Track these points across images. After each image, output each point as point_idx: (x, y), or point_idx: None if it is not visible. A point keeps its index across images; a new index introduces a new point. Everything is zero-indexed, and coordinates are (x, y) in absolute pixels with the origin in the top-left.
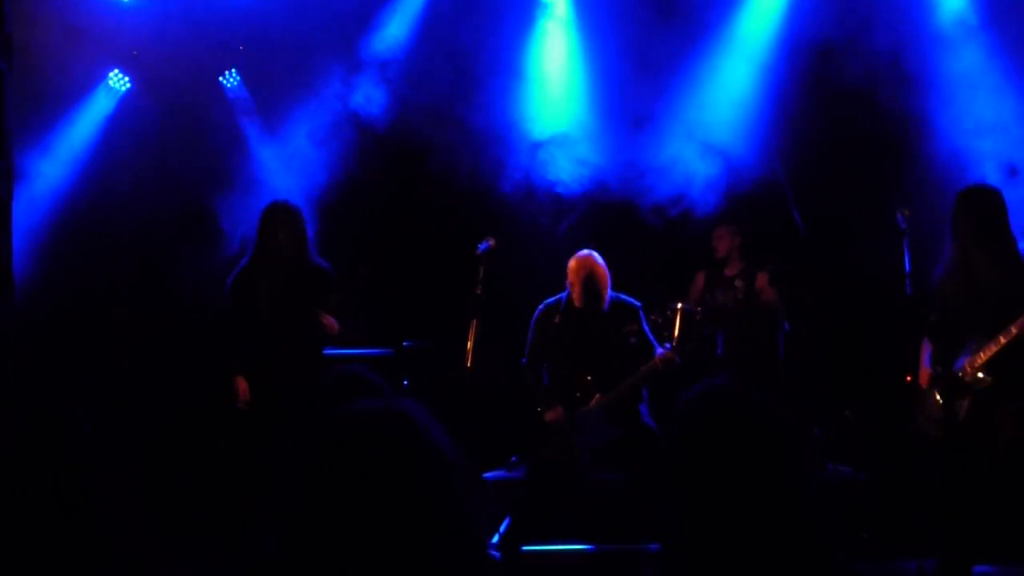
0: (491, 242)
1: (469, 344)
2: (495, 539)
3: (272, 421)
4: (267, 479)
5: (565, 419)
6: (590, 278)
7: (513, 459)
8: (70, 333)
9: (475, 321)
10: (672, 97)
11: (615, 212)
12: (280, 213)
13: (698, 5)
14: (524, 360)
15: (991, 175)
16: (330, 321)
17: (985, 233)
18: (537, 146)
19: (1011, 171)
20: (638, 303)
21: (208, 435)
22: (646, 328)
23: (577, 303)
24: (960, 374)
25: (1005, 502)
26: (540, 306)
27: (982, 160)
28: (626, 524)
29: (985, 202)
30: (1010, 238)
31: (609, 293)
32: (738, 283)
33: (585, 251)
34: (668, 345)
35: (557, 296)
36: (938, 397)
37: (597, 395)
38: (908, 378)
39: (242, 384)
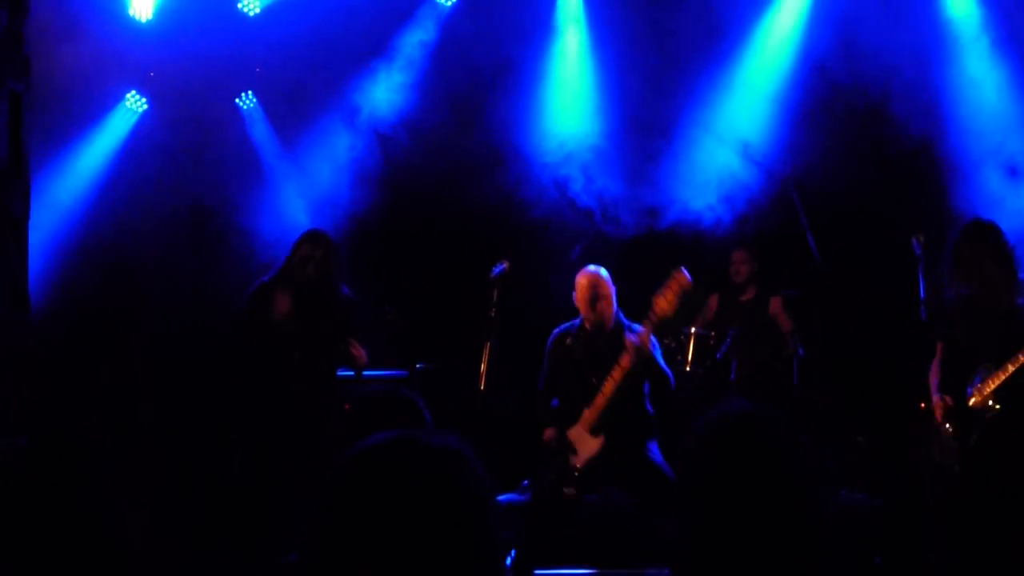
0: (505, 265)
1: (483, 366)
2: (507, 564)
3: (287, 442)
4: (282, 500)
5: (557, 439)
6: (594, 291)
7: (525, 483)
8: (85, 352)
9: (489, 343)
10: (687, 122)
11: (629, 233)
12: (315, 244)
13: (712, 31)
14: (540, 387)
15: (1005, 203)
16: (360, 351)
17: (989, 264)
18: (552, 168)
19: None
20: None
21: (223, 455)
22: (656, 352)
23: (584, 316)
24: (971, 402)
25: (1019, 530)
26: (553, 333)
27: (997, 186)
28: (631, 548)
29: (986, 235)
30: (1013, 268)
31: (620, 316)
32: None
33: (592, 267)
34: (638, 328)
35: (570, 322)
36: (949, 427)
37: (584, 410)
38: (922, 405)
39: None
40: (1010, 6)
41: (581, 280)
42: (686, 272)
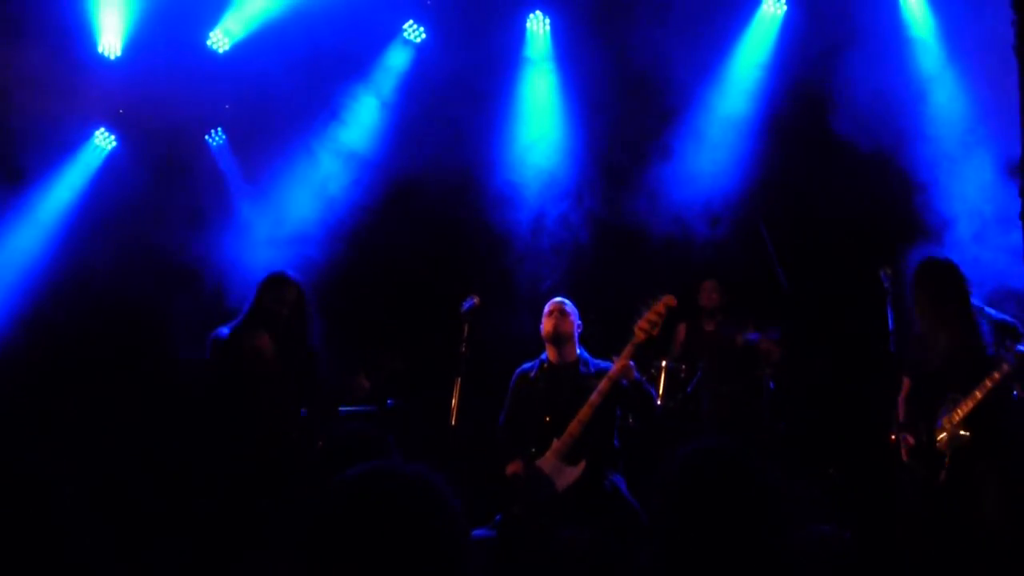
0: (475, 300)
1: (453, 402)
2: None
3: (261, 483)
4: (261, 541)
5: (524, 471)
6: (557, 316)
7: (497, 518)
8: (53, 390)
9: (459, 379)
10: (657, 152)
11: (599, 264)
12: (287, 287)
13: (678, 63)
14: (500, 422)
15: (968, 233)
16: (366, 382)
17: (946, 301)
18: (523, 201)
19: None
20: (612, 364)
21: (202, 497)
22: (638, 376)
23: (546, 340)
24: (939, 435)
25: (989, 560)
26: (518, 370)
27: (964, 216)
28: None
29: (942, 272)
30: (969, 302)
31: (582, 351)
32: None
33: (559, 297)
34: (603, 364)
35: (535, 360)
36: (917, 464)
37: (554, 440)
38: (892, 436)
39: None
40: (974, 39)
41: (546, 308)
42: (671, 296)
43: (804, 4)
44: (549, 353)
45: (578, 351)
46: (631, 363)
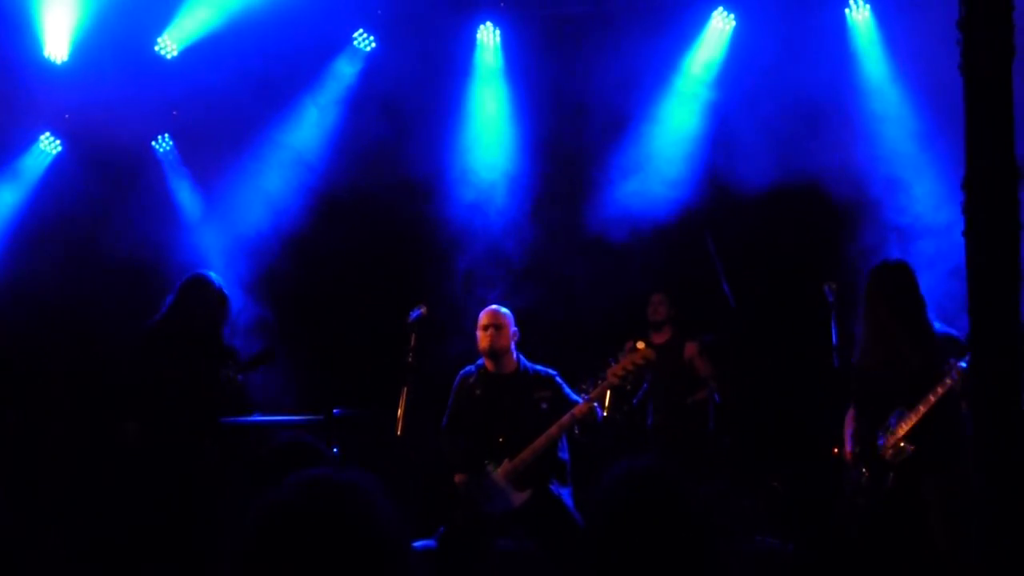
0: (423, 310)
1: (400, 412)
2: None
3: (176, 492)
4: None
5: (472, 483)
6: (491, 327)
7: (441, 529)
8: None
9: (406, 389)
10: (605, 162)
11: (550, 275)
12: (198, 288)
13: (627, 78)
14: (443, 426)
15: (913, 247)
16: None
17: (898, 308)
18: (471, 209)
19: None
20: (552, 371)
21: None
22: (567, 392)
23: (482, 353)
24: (884, 448)
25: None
26: (460, 373)
27: (910, 230)
28: None
29: (896, 277)
30: (922, 310)
31: (522, 359)
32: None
33: (494, 305)
34: (584, 397)
35: (476, 363)
36: (864, 471)
37: (505, 460)
38: (835, 450)
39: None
40: (922, 57)
41: (480, 317)
42: (648, 347)
43: (753, 19)
44: (487, 362)
45: (515, 357)
46: (595, 405)
